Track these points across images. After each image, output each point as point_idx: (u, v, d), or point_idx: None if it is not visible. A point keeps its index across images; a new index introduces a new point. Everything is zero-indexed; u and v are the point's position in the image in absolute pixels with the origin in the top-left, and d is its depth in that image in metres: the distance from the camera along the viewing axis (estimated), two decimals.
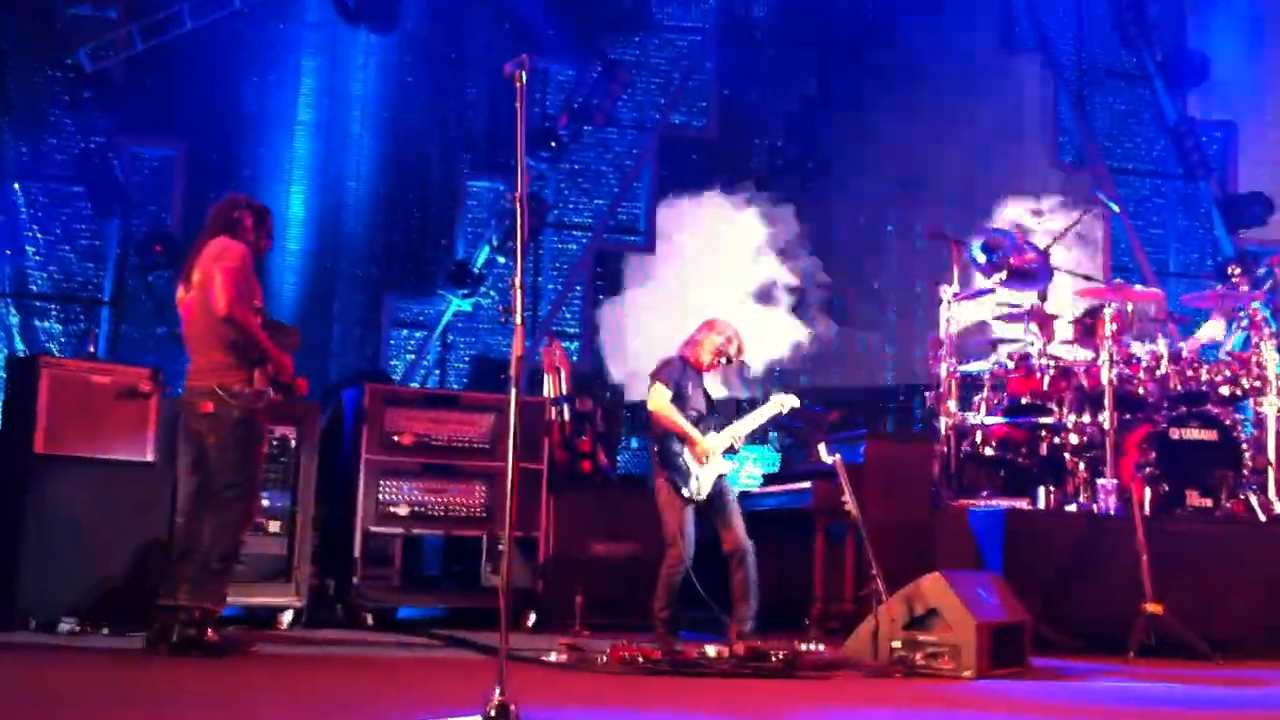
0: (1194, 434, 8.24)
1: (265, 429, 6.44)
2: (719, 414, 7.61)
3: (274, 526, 7.57)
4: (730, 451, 7.51)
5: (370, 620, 7.85)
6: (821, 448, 7.25)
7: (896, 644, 6.36)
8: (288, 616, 7.56)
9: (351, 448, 8.04)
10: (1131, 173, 12.86)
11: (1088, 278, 9.60)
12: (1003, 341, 9.20)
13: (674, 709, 5.21)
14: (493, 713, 4.08)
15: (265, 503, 7.39)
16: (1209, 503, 8.11)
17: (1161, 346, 8.65)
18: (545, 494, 8.25)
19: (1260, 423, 8.48)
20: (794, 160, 12.16)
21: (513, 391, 4.50)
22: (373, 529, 7.90)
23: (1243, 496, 8.16)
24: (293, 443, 7.68)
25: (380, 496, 7.94)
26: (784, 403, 7.63)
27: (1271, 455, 8.31)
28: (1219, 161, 12.90)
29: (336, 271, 10.99)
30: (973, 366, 9.12)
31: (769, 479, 9.96)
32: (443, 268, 11.21)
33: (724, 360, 7.57)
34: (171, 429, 7.10)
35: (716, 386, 8.22)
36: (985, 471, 8.68)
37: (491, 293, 11.17)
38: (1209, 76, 12.91)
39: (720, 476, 7.39)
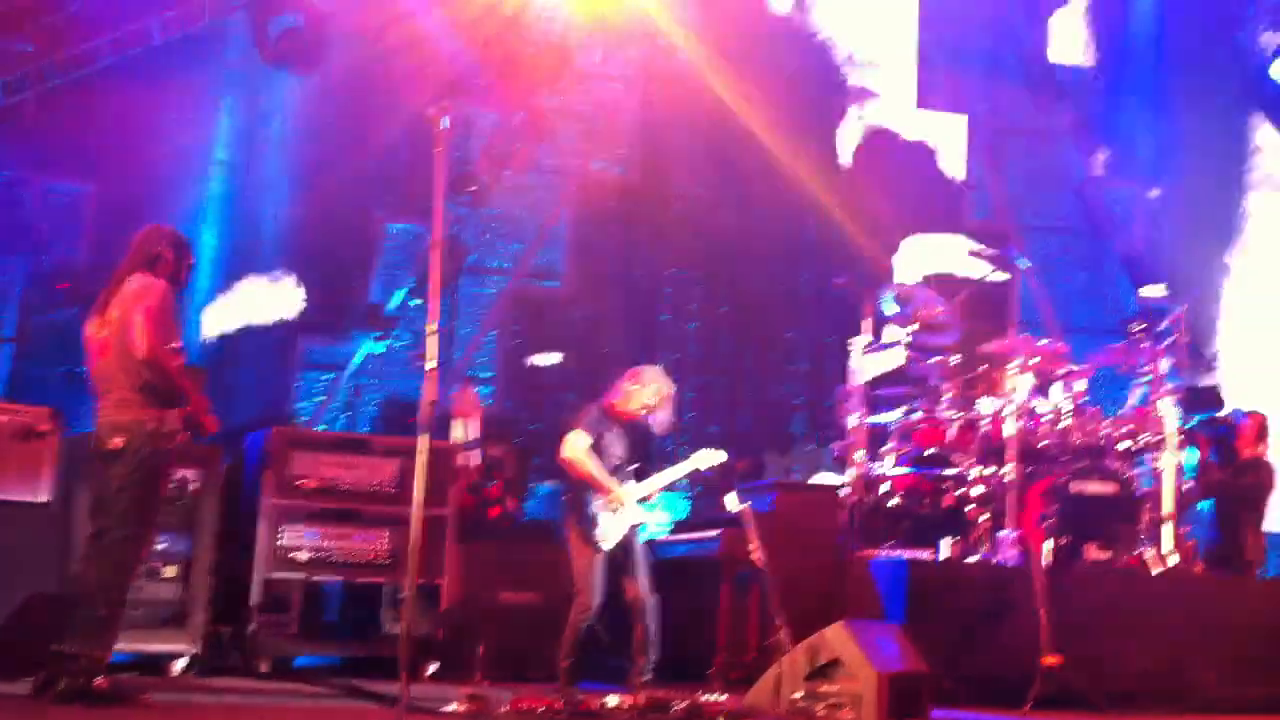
0: (1094, 488, 8.37)
1: (170, 470, 6.34)
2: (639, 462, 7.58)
3: (170, 571, 7.41)
4: (645, 501, 7.46)
5: (266, 668, 7.71)
6: (730, 496, 7.26)
7: (798, 694, 6.38)
8: (181, 663, 7.40)
9: (253, 491, 7.92)
10: (1041, 230, 13.10)
11: (995, 331, 9.74)
12: (911, 393, 9.30)
13: None
14: None
15: (162, 546, 7.28)
16: (1107, 555, 8.24)
17: (1061, 398, 8.80)
18: (450, 541, 8.17)
19: (1157, 477, 8.64)
20: (709, 205, 12.22)
21: (422, 437, 4.48)
22: (272, 575, 7.77)
23: (1139, 550, 8.30)
24: (193, 485, 7.54)
25: (281, 542, 7.80)
26: (708, 459, 7.60)
27: (1169, 509, 8.47)
28: (1125, 220, 13.19)
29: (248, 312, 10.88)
30: (881, 417, 9.21)
31: (677, 526, 9.95)
32: (357, 310, 11.14)
33: (647, 412, 7.49)
34: (70, 470, 6.96)
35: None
36: (891, 522, 8.76)
37: (406, 336, 11.11)
38: (1117, 138, 13.22)
39: (632, 527, 7.35)
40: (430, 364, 4.49)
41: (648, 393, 7.39)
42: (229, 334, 10.74)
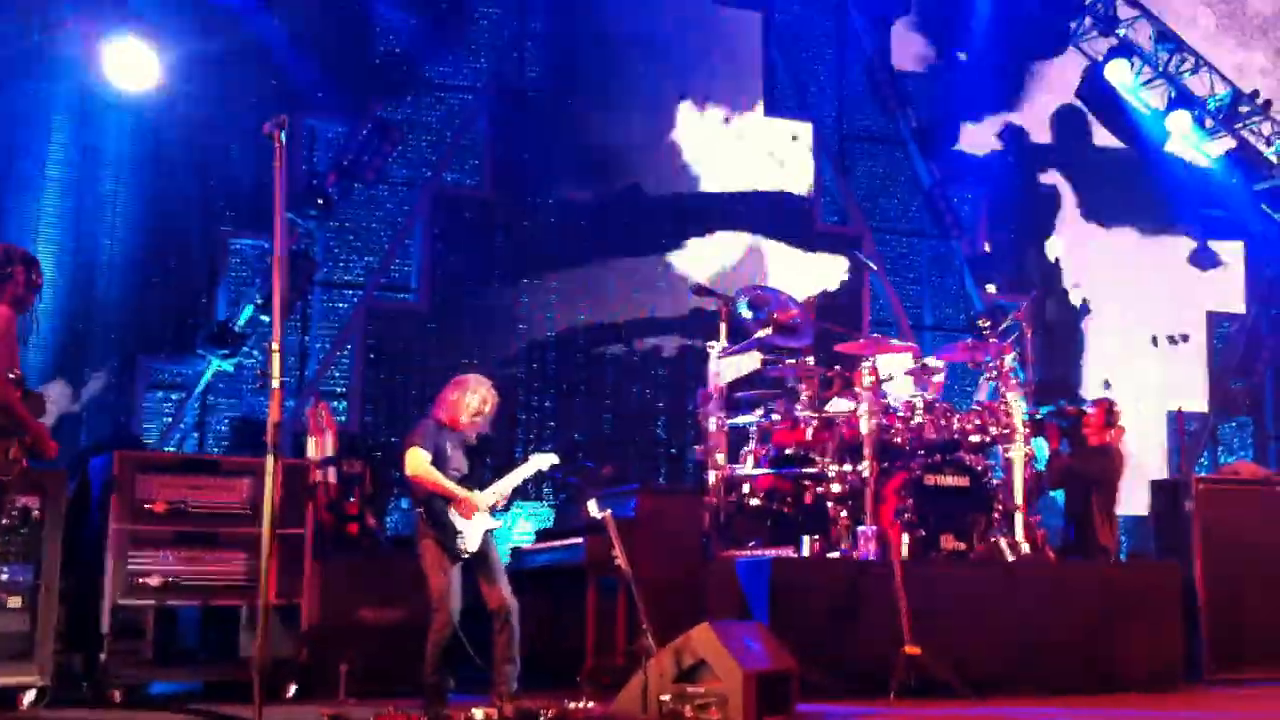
0: (947, 480, 8.57)
1: (10, 501, 6.11)
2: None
3: (14, 602, 7.13)
4: (496, 509, 7.43)
5: (119, 698, 7.45)
6: (591, 503, 7.24)
7: (666, 697, 6.37)
8: (30, 696, 7.12)
9: (99, 517, 7.65)
10: (890, 232, 13.38)
11: (848, 332, 9.90)
12: (769, 394, 9.40)
13: None
14: None
15: (4, 577, 7.01)
16: (963, 546, 8.43)
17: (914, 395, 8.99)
18: (309, 559, 8.00)
19: (1008, 468, 8.88)
20: (568, 220, 12.22)
21: (269, 458, 4.37)
22: (122, 601, 7.51)
23: (993, 539, 8.51)
24: (36, 513, 7.26)
25: (130, 567, 7.55)
26: (541, 461, 7.60)
27: (1019, 499, 8.71)
28: (970, 222, 13.55)
29: (89, 333, 10.51)
30: (740, 419, 9.29)
31: (541, 535, 9.92)
32: (203, 328, 10.85)
33: (480, 419, 7.49)
34: None
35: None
36: (753, 522, 8.83)
37: (255, 353, 10.85)
38: (958, 142, 13.57)
39: (488, 532, 7.31)
40: (274, 383, 4.37)
41: (474, 400, 7.39)
42: (70, 356, 10.36)
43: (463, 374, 7.59)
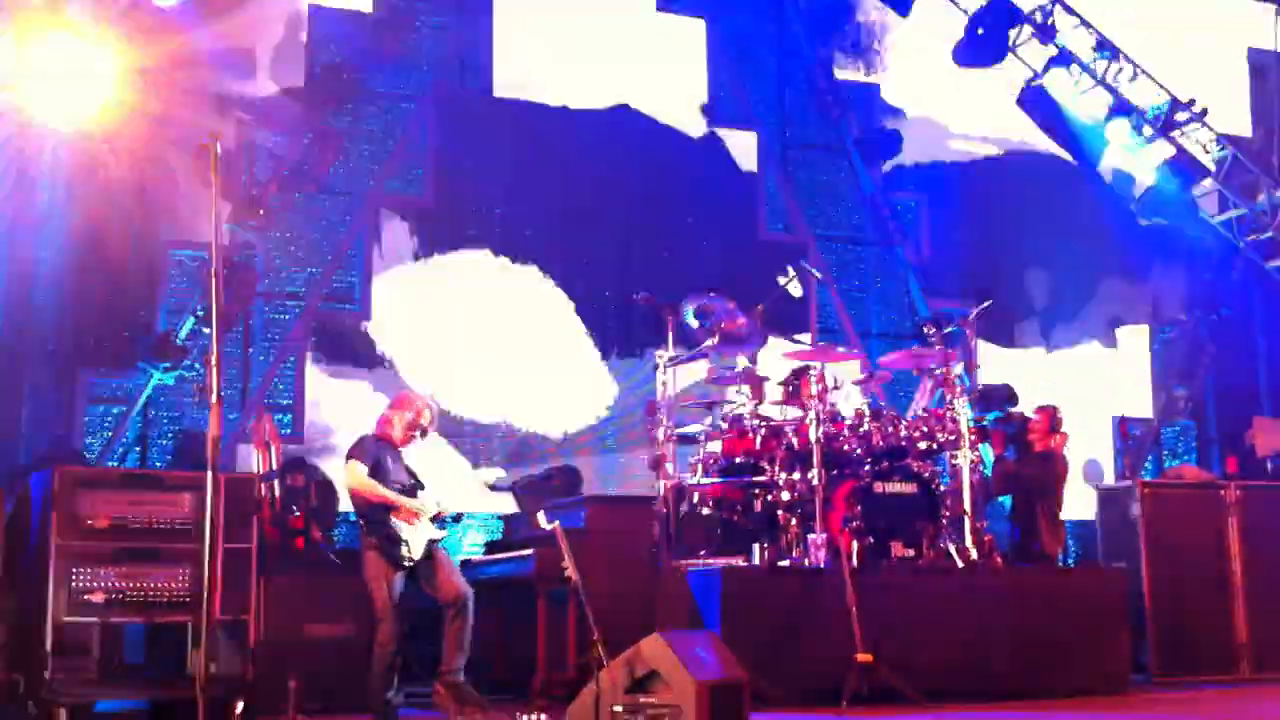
0: (896, 487, 8.60)
1: None
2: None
3: None
4: (442, 518, 7.46)
5: (64, 716, 7.31)
6: (540, 515, 7.21)
7: (619, 708, 6.34)
8: None
9: (40, 534, 7.50)
10: (834, 240, 13.44)
11: (795, 340, 9.92)
12: (716, 403, 9.41)
13: None
14: None
15: None
16: (912, 553, 8.46)
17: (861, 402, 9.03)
18: (255, 574, 7.89)
19: (956, 474, 8.93)
20: (512, 228, 12.17)
21: (209, 474, 4.30)
22: (65, 619, 7.37)
23: (942, 545, 8.55)
24: None
25: (73, 584, 7.39)
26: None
27: (967, 505, 8.76)
28: (913, 229, 13.64)
29: (24, 348, 10.32)
30: (689, 428, 9.29)
31: (490, 547, 9.86)
32: (143, 341, 10.69)
33: (418, 434, 7.61)
34: None
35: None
36: (703, 531, 8.81)
37: (197, 365, 10.69)
38: (900, 150, 13.66)
39: (432, 543, 7.36)
40: (213, 397, 4.30)
41: (411, 416, 7.48)
42: (5, 371, 10.16)
43: (400, 392, 7.68)
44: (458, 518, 7.66)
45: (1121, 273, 14.24)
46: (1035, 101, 13.87)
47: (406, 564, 7.17)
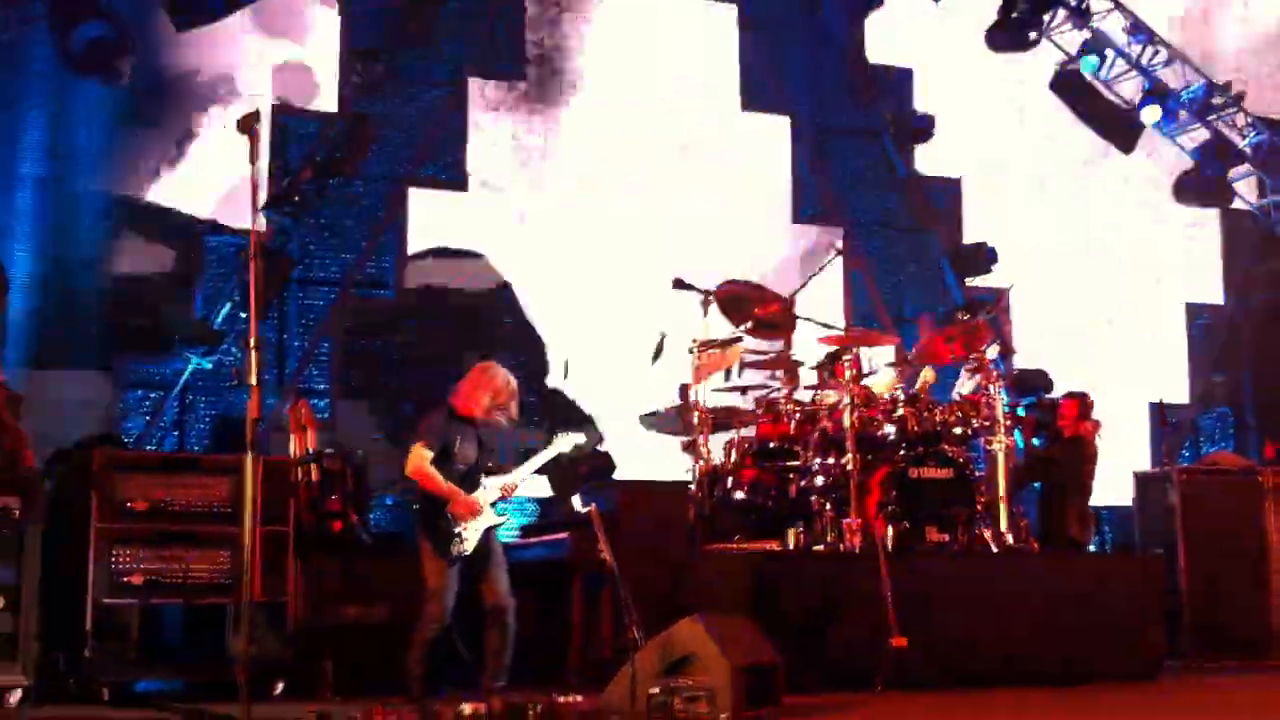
0: (931, 473, 8.57)
1: None
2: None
3: None
4: (503, 500, 7.35)
5: (106, 696, 7.40)
6: (575, 498, 7.24)
7: (654, 691, 6.35)
8: (15, 696, 7.05)
9: (80, 517, 7.59)
10: (868, 225, 13.39)
11: (828, 325, 9.90)
12: (750, 388, 9.41)
13: None
14: None
15: None
16: (946, 538, 8.45)
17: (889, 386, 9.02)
18: (292, 557, 7.95)
19: (990, 460, 8.91)
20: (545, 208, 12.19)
21: (248, 455, 4.32)
22: (105, 600, 7.45)
23: (977, 531, 8.54)
24: (16, 513, 7.20)
25: (113, 566, 7.49)
26: (568, 442, 7.52)
27: (1002, 491, 8.73)
28: (947, 214, 13.57)
29: (66, 332, 10.42)
30: (723, 413, 9.28)
31: (526, 530, 9.89)
32: (181, 326, 10.77)
33: (498, 411, 7.39)
34: None
35: None
36: (737, 515, 8.82)
37: (234, 350, 10.78)
38: (934, 135, 13.59)
39: (488, 530, 7.25)
40: (252, 379, 4.32)
41: (491, 390, 7.31)
42: (48, 355, 10.26)
43: (484, 361, 7.49)
44: (506, 497, 7.44)
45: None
46: (1069, 86, 13.79)
47: (457, 558, 7.11)
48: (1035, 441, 10.29)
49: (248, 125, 4.72)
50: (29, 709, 7.02)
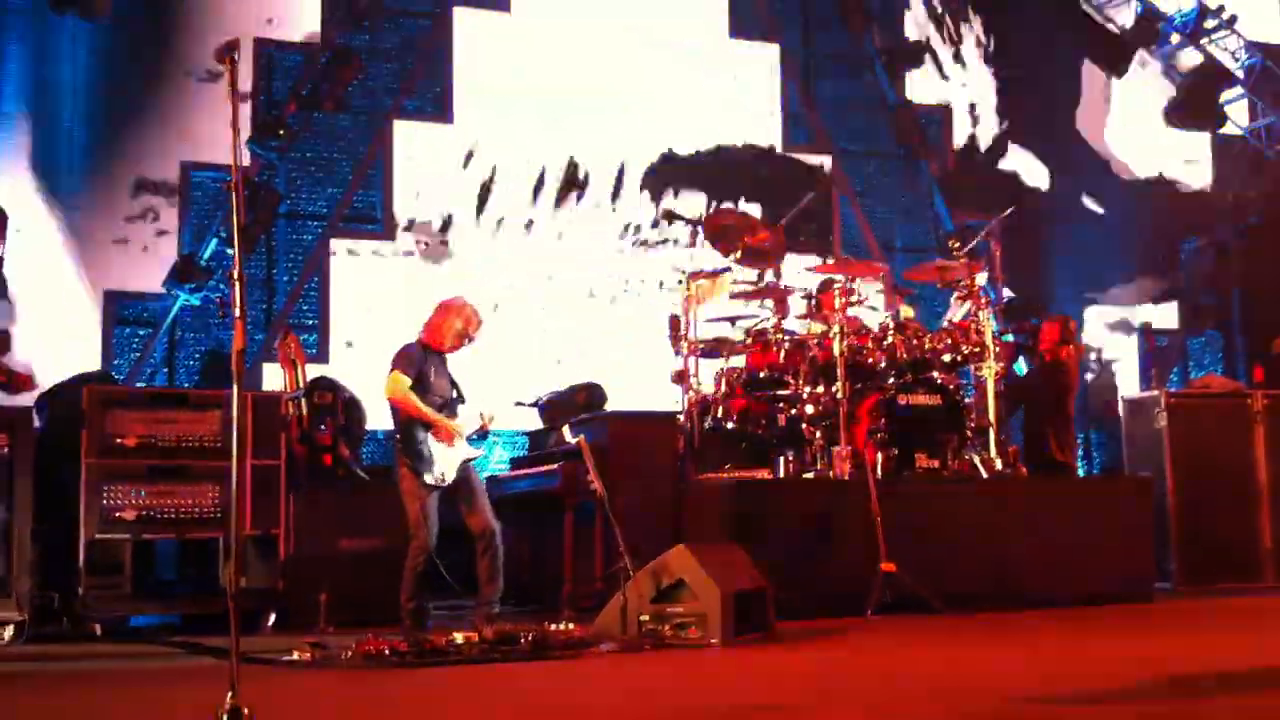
0: (920, 400, 8.58)
1: None
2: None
3: None
4: (481, 435, 7.47)
5: (99, 631, 7.45)
6: (565, 429, 7.26)
7: (645, 617, 6.42)
8: (8, 632, 7.10)
9: (70, 453, 7.59)
10: (857, 154, 13.30)
11: (818, 254, 9.87)
12: (739, 318, 9.38)
13: (420, 699, 5.11)
14: (225, 718, 3.87)
15: None
16: (936, 464, 8.47)
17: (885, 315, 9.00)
18: (284, 490, 7.98)
19: (980, 386, 8.91)
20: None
21: (234, 387, 4.29)
22: (98, 536, 7.48)
23: (967, 456, 8.56)
24: (4, 450, 7.21)
25: (105, 502, 7.51)
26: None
27: (991, 417, 8.75)
28: (937, 142, 13.49)
29: (46, 268, 10.35)
30: (712, 343, 9.26)
31: (516, 463, 9.92)
32: (167, 262, 10.72)
33: (466, 341, 7.53)
34: None
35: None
36: (727, 444, 8.84)
37: (221, 286, 10.74)
38: (924, 62, 13.48)
39: (466, 461, 7.35)
40: (237, 311, 4.28)
41: (460, 325, 7.40)
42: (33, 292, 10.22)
43: (448, 298, 7.58)
44: (483, 434, 7.59)
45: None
46: (1064, 8, 13.66)
47: (438, 484, 7.18)
48: (1017, 367, 10.28)
49: (227, 54, 4.62)
50: (22, 644, 7.06)
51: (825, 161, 12.94)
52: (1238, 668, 5.39)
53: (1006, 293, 10.53)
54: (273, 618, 7.78)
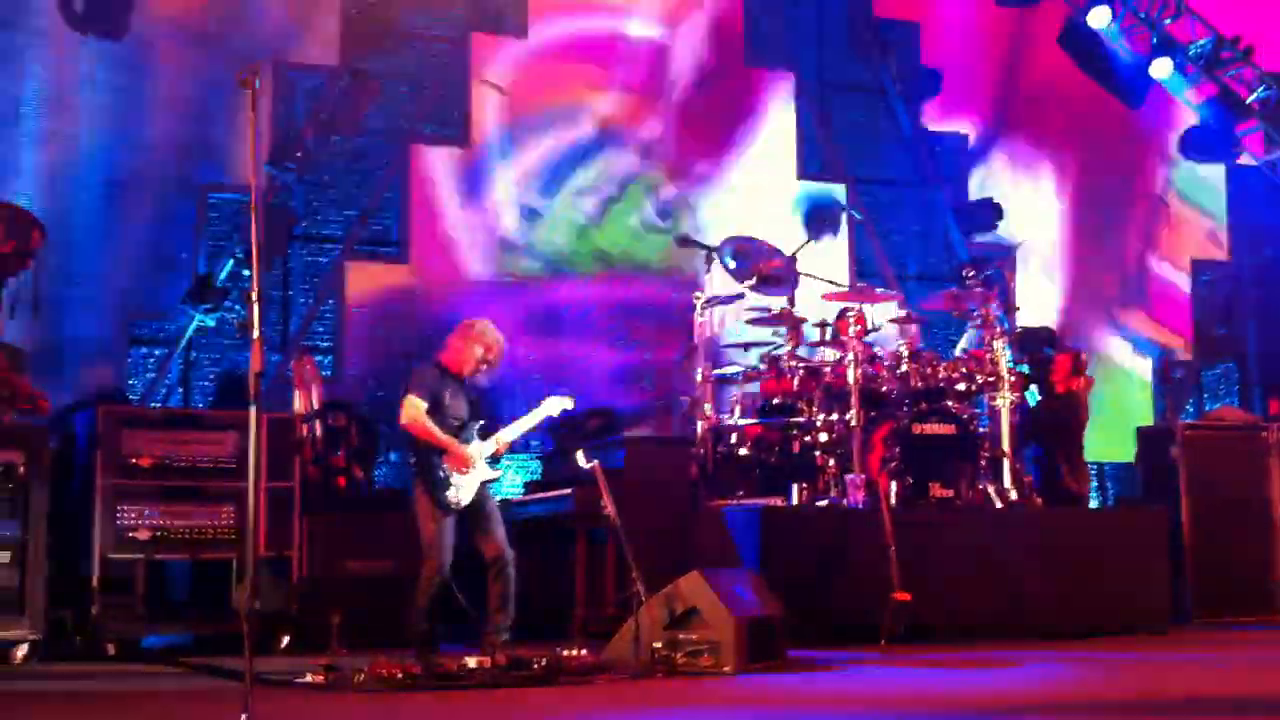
0: (934, 429, 8.59)
1: None
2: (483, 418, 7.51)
3: (2, 557, 7.13)
4: (494, 459, 7.42)
5: (112, 651, 7.46)
6: (579, 454, 7.25)
7: (658, 644, 6.41)
8: (22, 650, 7.13)
9: (85, 473, 7.62)
10: (872, 181, 13.29)
11: (832, 282, 9.88)
12: (754, 345, 9.39)
13: None
14: None
15: None
16: (950, 493, 8.46)
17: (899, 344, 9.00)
18: (298, 512, 7.99)
19: (994, 416, 8.91)
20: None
21: (252, 409, 4.31)
22: (112, 556, 7.51)
23: (981, 486, 8.55)
24: (21, 469, 7.24)
25: (119, 522, 7.54)
26: (557, 405, 7.57)
27: (1005, 446, 8.74)
28: (952, 170, 13.48)
29: (67, 288, 10.39)
30: (726, 370, 9.29)
31: (530, 487, 9.92)
32: (184, 282, 10.74)
33: (486, 367, 7.45)
34: None
35: None
36: (741, 471, 8.84)
37: (237, 307, 10.75)
38: (940, 90, 13.49)
39: (483, 484, 7.30)
40: (255, 333, 4.31)
41: (479, 349, 7.35)
42: (48, 312, 10.23)
43: (470, 319, 7.53)
44: (497, 457, 7.53)
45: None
46: (1077, 39, 13.67)
47: (453, 508, 7.15)
48: (1029, 395, 10.27)
49: (247, 78, 4.67)
50: (36, 663, 7.07)
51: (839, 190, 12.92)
52: (1254, 691, 5.37)
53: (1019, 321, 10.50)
54: (286, 640, 7.78)
